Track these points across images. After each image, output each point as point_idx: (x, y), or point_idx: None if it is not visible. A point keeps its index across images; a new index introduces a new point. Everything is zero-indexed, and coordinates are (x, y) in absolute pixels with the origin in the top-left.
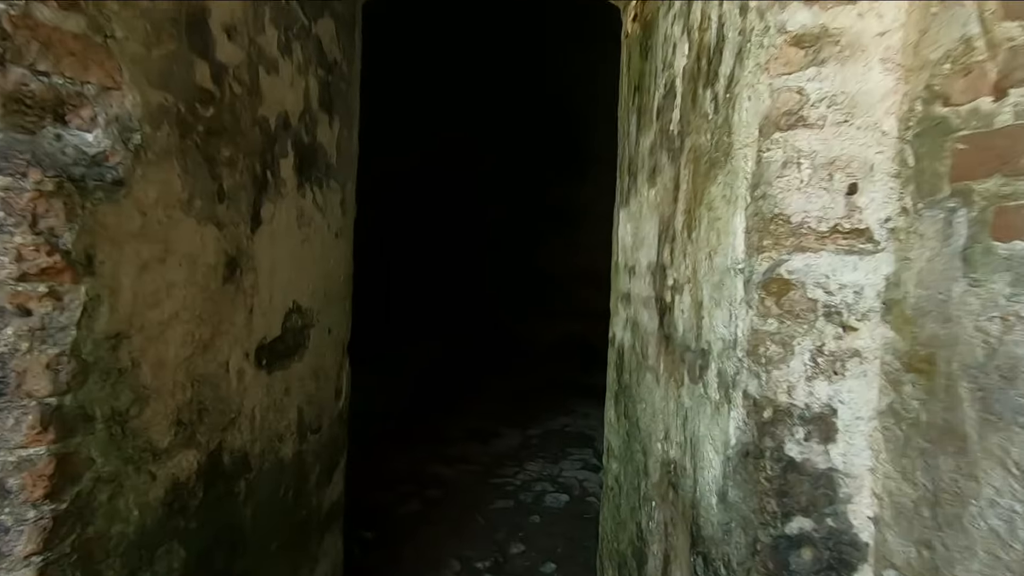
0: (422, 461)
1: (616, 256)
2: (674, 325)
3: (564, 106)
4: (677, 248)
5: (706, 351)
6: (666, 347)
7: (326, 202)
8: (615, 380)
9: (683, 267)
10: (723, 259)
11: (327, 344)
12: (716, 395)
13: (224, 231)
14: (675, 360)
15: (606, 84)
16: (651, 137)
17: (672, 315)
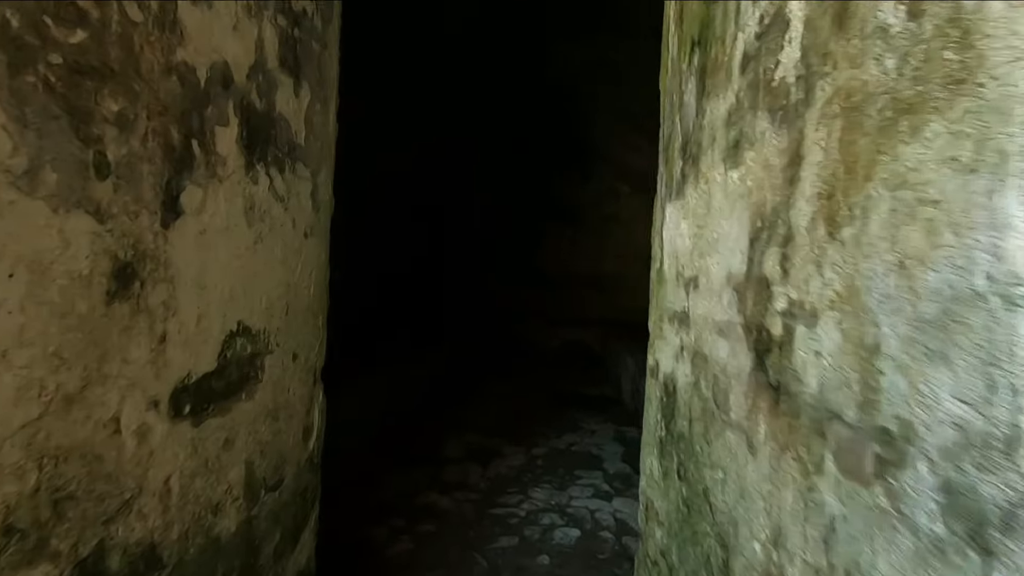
0: (416, 487)
1: (660, 263)
2: (793, 373)
3: (566, 105)
4: (799, 254)
5: (897, 436)
6: (772, 402)
7: (290, 192)
8: (659, 423)
9: (816, 284)
10: (958, 275)
11: (291, 373)
12: (936, 527)
13: (109, 223)
14: (797, 428)
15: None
16: (729, 99)
17: (788, 356)
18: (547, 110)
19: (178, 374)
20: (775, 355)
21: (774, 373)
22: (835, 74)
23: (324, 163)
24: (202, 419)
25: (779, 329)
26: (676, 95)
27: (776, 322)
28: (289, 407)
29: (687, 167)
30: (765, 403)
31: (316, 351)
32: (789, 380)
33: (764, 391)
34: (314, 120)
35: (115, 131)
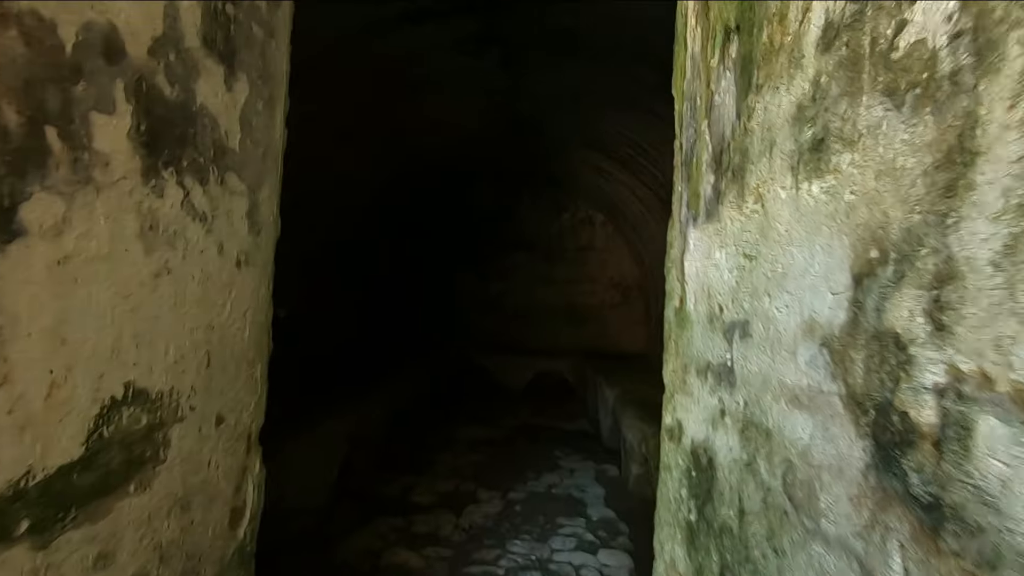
0: (383, 543)
1: (682, 300)
2: (972, 491)
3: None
4: (974, 301)
5: None
6: (918, 527)
7: (215, 209)
8: (686, 503)
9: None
10: None
11: (212, 444)
12: None
13: None
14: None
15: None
16: (799, 89)
17: (958, 461)
18: (518, 141)
19: (5, 476)
20: (922, 454)
21: (922, 482)
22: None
23: (267, 177)
24: (53, 536)
25: (931, 415)
26: (701, 98)
27: (923, 403)
28: (208, 489)
29: (723, 182)
30: (904, 524)
31: (251, 410)
32: (963, 501)
33: (897, 505)
34: (254, 121)
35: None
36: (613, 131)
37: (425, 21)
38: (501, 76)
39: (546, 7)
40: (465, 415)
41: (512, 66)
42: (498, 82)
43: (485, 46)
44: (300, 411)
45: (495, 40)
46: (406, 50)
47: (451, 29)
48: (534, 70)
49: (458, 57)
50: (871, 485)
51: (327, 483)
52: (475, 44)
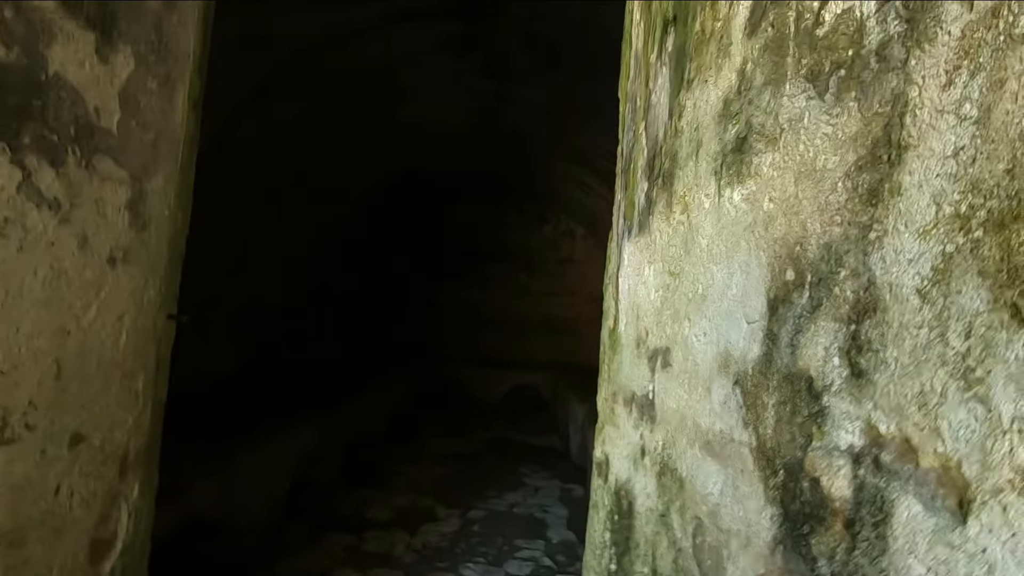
0: (331, 562)
1: (615, 320)
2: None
3: (523, 144)
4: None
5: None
6: None
7: (75, 197)
8: (608, 550)
9: (966, 417)
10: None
11: (62, 467)
12: None
13: None
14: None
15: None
16: (725, 81)
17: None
18: (502, 151)
19: None
20: (832, 536)
21: (832, 573)
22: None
23: (161, 165)
24: None
25: (844, 486)
26: (640, 98)
27: (836, 470)
28: (54, 520)
29: (654, 190)
30: None
31: (128, 427)
32: None
33: None
34: (141, 103)
35: None
36: (595, 145)
37: (409, 22)
38: (484, 82)
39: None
40: (435, 428)
41: (496, 73)
42: (481, 88)
43: (468, 50)
44: (258, 425)
45: (478, 44)
46: (390, 53)
47: (434, 32)
48: (518, 78)
49: (441, 60)
50: (778, 564)
51: (278, 498)
52: (458, 47)
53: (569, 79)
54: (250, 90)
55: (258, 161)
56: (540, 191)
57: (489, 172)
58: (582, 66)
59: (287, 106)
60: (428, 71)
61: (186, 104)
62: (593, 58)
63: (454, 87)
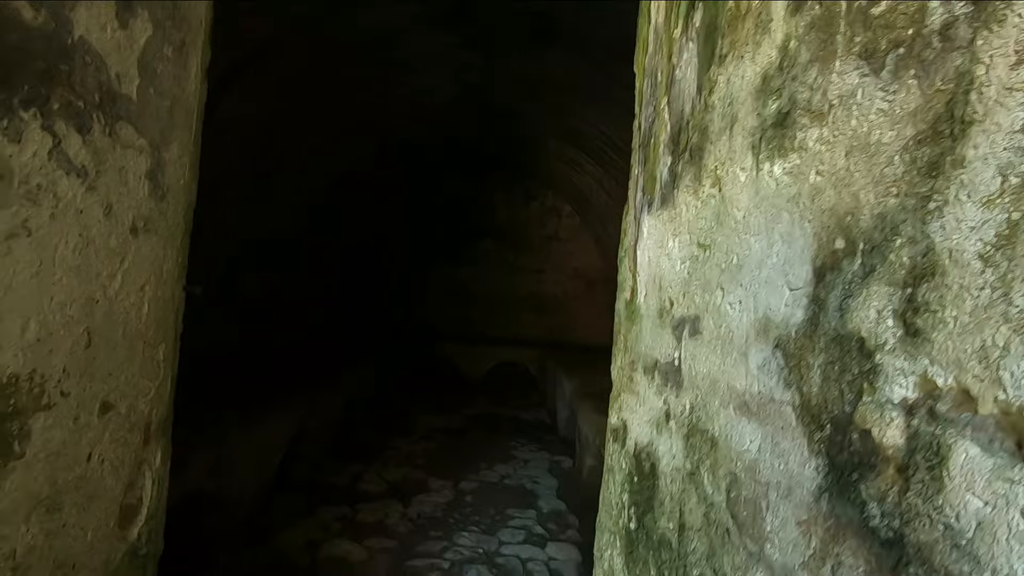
0: (325, 533)
1: (633, 292)
2: (948, 531)
3: (514, 120)
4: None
5: None
6: (876, 565)
7: (101, 164)
8: (626, 509)
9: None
10: None
11: (94, 435)
12: None
13: None
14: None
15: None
16: (765, 58)
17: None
18: (492, 127)
19: None
20: (884, 481)
21: (882, 514)
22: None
23: (177, 133)
24: None
25: (897, 436)
26: (662, 73)
27: (888, 421)
28: (88, 486)
29: (679, 164)
30: (859, 560)
31: (150, 397)
32: (931, 540)
33: (851, 536)
34: (159, 69)
35: None
36: (586, 123)
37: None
38: (475, 56)
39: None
40: (425, 403)
41: (486, 47)
42: (472, 63)
43: (461, 22)
44: (251, 400)
45: (471, 17)
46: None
47: (424, 4)
48: (510, 54)
49: (431, 34)
50: (823, 511)
51: (269, 472)
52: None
53: (563, 56)
54: (233, 62)
55: (243, 132)
56: (529, 168)
57: (478, 148)
58: (576, 44)
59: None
60: (417, 44)
61: (200, 72)
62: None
63: (443, 61)
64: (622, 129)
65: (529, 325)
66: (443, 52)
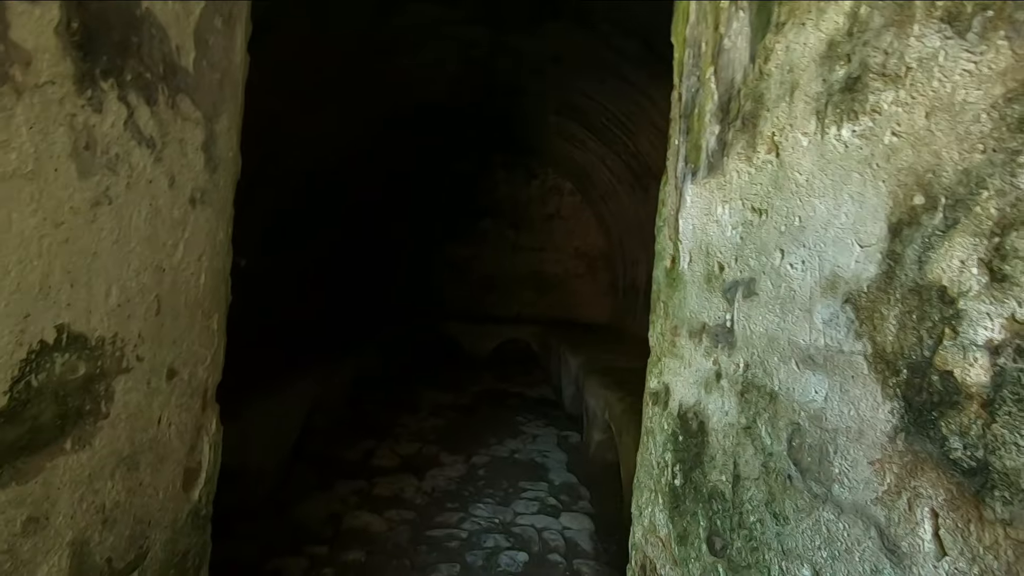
0: (344, 506)
1: (675, 259)
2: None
3: (517, 96)
4: None
5: None
6: (956, 493)
7: (166, 136)
8: (670, 467)
9: None
10: None
11: (163, 398)
12: None
13: None
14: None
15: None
16: (830, 24)
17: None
18: (495, 104)
19: None
20: (967, 416)
21: (964, 446)
22: None
23: (226, 105)
24: None
25: (981, 374)
26: (707, 43)
27: (972, 362)
28: (160, 448)
29: (729, 132)
30: (938, 490)
31: (207, 364)
32: (1019, 466)
33: (930, 469)
34: (210, 41)
35: None
36: (588, 99)
37: None
38: (478, 31)
39: None
40: (431, 381)
41: (490, 22)
42: (479, 38)
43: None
44: (265, 375)
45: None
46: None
47: None
48: (515, 27)
49: (432, 8)
50: (898, 449)
51: (287, 446)
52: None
53: (566, 30)
54: None
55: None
56: (530, 145)
57: (482, 125)
58: (580, 17)
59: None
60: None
61: (244, 44)
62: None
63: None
64: (625, 103)
65: (531, 304)
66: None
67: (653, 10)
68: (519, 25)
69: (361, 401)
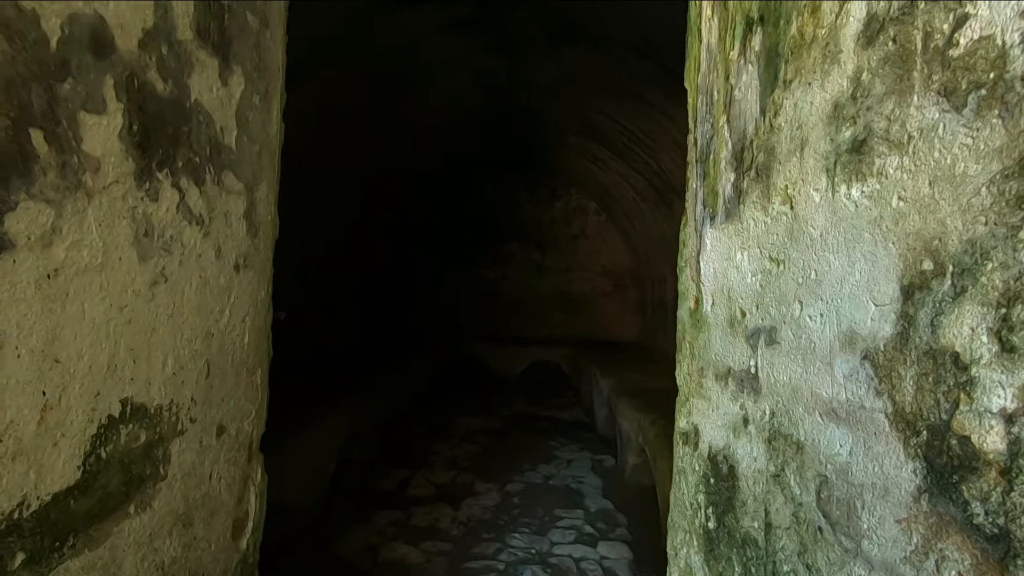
0: (381, 537)
1: (699, 301)
2: None
3: (536, 120)
4: None
5: None
6: (981, 558)
7: (212, 210)
8: (703, 509)
9: None
10: None
11: (214, 455)
12: None
13: None
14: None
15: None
16: (835, 86)
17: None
18: (515, 129)
19: None
20: (986, 482)
21: (986, 512)
22: None
23: (264, 174)
24: (50, 567)
25: (997, 442)
26: (719, 92)
27: (988, 429)
28: (211, 502)
29: (744, 181)
30: (964, 554)
31: (252, 418)
32: None
33: (955, 532)
34: (250, 117)
35: None
36: (608, 119)
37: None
38: (497, 60)
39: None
40: (461, 406)
41: (508, 50)
42: (494, 66)
43: (482, 29)
44: (298, 409)
45: (492, 23)
46: (402, 36)
47: (448, 12)
48: (528, 55)
49: (453, 41)
50: (923, 509)
51: (324, 480)
52: (469, 27)
53: (581, 54)
54: None
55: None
56: (552, 167)
57: (501, 149)
58: (594, 41)
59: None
60: (438, 52)
61: (279, 115)
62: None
63: (464, 67)
64: (644, 121)
65: (559, 324)
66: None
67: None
68: (536, 52)
69: (394, 429)
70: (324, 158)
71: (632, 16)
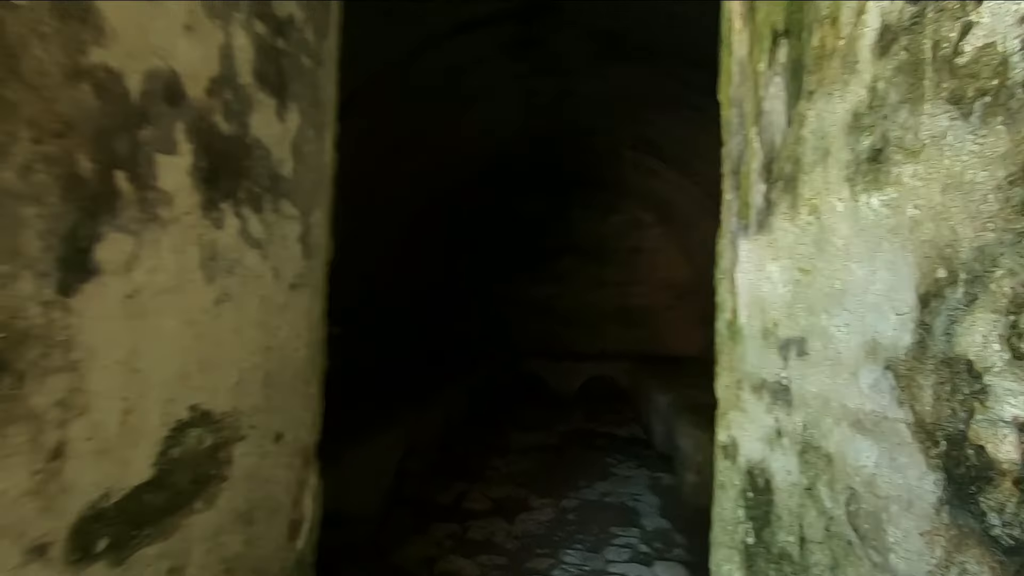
0: (439, 549)
1: (734, 314)
2: None
3: (589, 136)
4: None
5: None
6: (997, 567)
7: (271, 235)
8: (742, 524)
9: None
10: None
11: (273, 460)
12: None
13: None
14: None
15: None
16: (854, 96)
17: None
18: (567, 145)
19: (85, 498)
20: (1002, 493)
21: (1002, 523)
22: None
23: (318, 201)
24: (129, 552)
25: (1011, 451)
26: (749, 104)
27: (1002, 438)
28: (270, 503)
29: (774, 192)
30: (983, 567)
31: (308, 426)
32: None
33: (975, 545)
34: (304, 149)
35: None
36: (661, 131)
37: (473, 30)
38: (546, 80)
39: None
40: (517, 421)
41: (557, 70)
42: (543, 87)
43: (530, 51)
44: (357, 421)
45: (540, 44)
46: (452, 59)
47: (496, 36)
48: (578, 73)
49: (503, 64)
50: (944, 522)
51: (383, 491)
52: (520, 49)
53: (631, 69)
54: None
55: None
56: (607, 181)
57: (555, 166)
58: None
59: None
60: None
61: (332, 145)
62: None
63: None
64: (698, 131)
65: (617, 338)
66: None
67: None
68: (586, 70)
69: (451, 443)
70: (378, 178)
71: (682, 27)
